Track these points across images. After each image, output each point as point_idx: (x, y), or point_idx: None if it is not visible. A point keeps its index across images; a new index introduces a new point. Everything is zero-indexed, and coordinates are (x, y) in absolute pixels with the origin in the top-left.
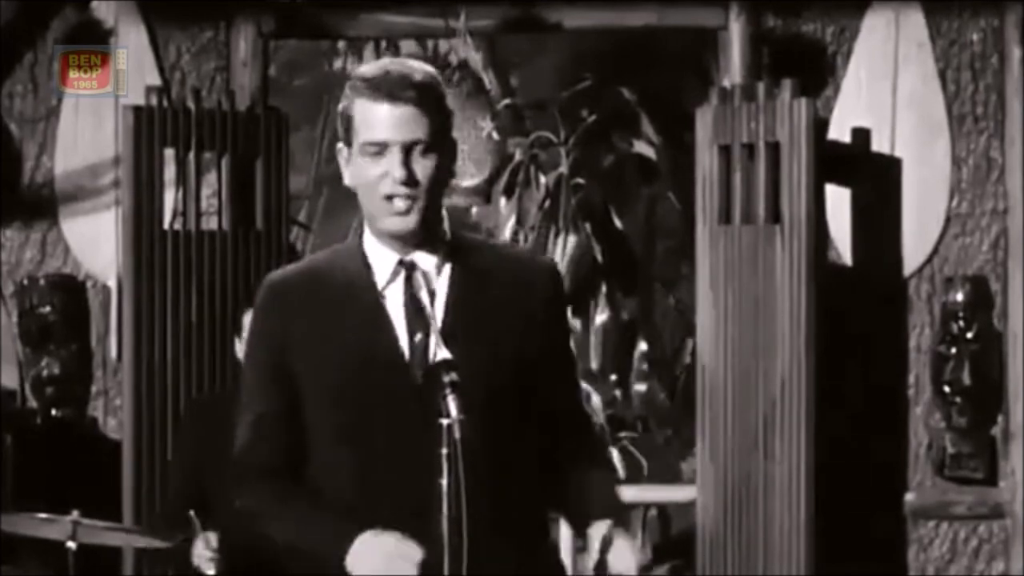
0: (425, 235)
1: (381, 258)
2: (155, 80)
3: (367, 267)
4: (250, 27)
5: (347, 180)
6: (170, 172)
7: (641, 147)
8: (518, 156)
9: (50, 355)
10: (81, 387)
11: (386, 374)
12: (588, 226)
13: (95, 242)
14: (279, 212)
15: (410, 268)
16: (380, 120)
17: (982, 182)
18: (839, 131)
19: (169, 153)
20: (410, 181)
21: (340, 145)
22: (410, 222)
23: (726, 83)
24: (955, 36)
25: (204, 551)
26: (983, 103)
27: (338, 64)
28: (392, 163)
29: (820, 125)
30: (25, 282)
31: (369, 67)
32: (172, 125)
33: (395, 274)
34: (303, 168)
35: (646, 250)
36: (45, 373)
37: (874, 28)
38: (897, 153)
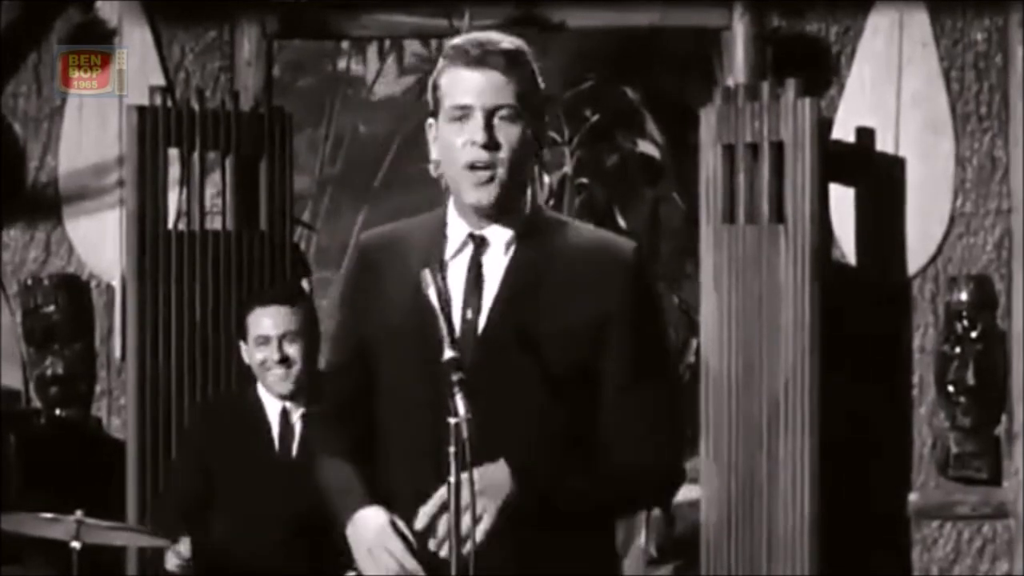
0: (505, 207)
1: (456, 229)
2: (159, 80)
3: (444, 237)
4: (254, 27)
5: (434, 154)
6: (174, 172)
7: (645, 147)
8: None
9: (54, 355)
10: (85, 387)
11: (430, 346)
12: (591, 226)
13: (99, 242)
14: (283, 212)
15: (479, 242)
16: (465, 84)
17: (986, 181)
18: (843, 131)
19: (173, 153)
20: (491, 145)
21: (429, 121)
22: (491, 193)
23: (730, 83)
24: (959, 36)
25: (172, 556)
26: (987, 103)
27: (342, 64)
28: (474, 128)
29: (824, 125)
30: (29, 282)
31: (462, 37)
32: (176, 125)
33: (463, 246)
34: (307, 168)
35: (650, 249)
36: (49, 373)
37: (878, 28)
38: (901, 153)
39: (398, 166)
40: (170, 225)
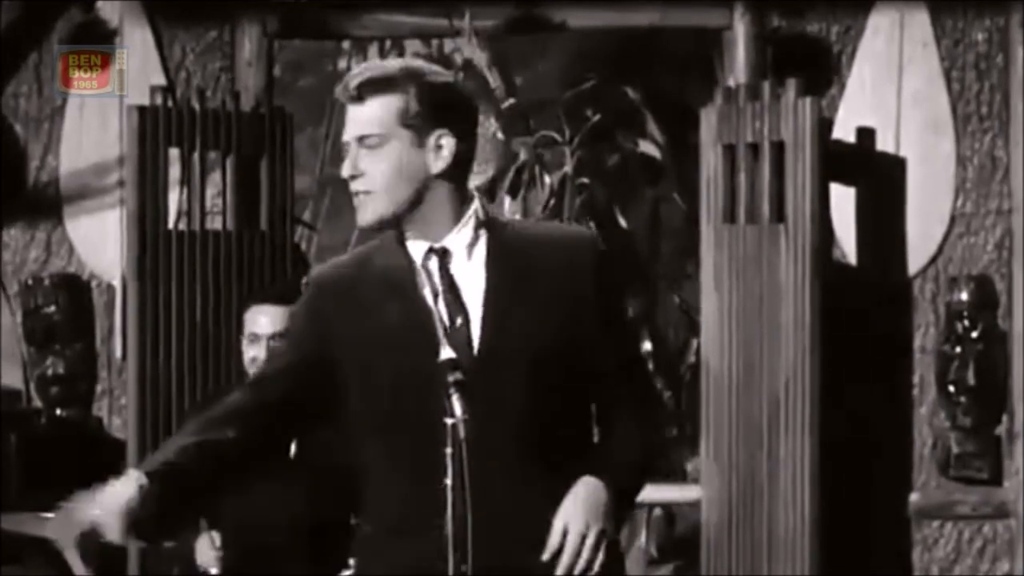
0: (403, 220)
1: (416, 247)
2: (160, 80)
3: (407, 257)
4: (255, 27)
5: None
6: (175, 172)
7: (646, 147)
8: (523, 156)
9: (55, 355)
10: (86, 387)
11: (425, 361)
12: (593, 226)
13: (100, 242)
14: (284, 212)
15: (442, 254)
16: (345, 123)
17: (987, 181)
18: (844, 131)
19: (174, 153)
20: (353, 173)
21: None
22: (368, 215)
23: (731, 83)
24: (960, 35)
25: (209, 550)
26: (988, 103)
27: (343, 64)
28: (346, 161)
29: (825, 125)
30: (30, 282)
31: (348, 74)
32: (177, 125)
33: (426, 260)
34: (307, 168)
35: (650, 249)
36: (50, 373)
37: (879, 28)
38: (902, 152)
39: None
40: (171, 225)
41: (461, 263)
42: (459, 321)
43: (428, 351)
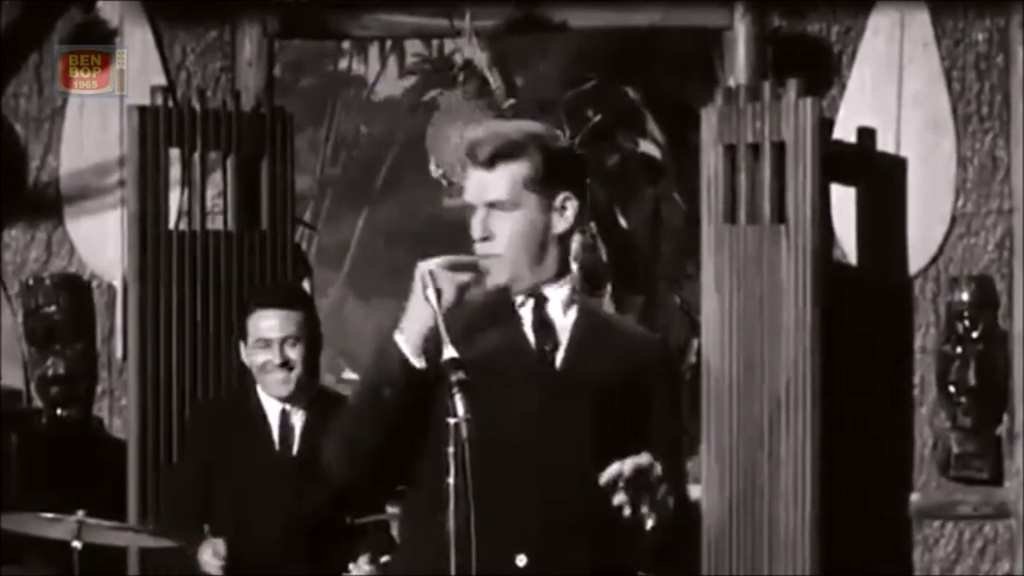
0: (529, 280)
1: (519, 296)
2: (160, 80)
3: (511, 300)
4: (255, 27)
5: None
6: (175, 172)
7: (646, 147)
8: None
9: (55, 355)
10: (86, 387)
11: (518, 371)
12: (593, 226)
13: (100, 242)
14: (284, 212)
15: (540, 299)
16: (469, 185)
17: (987, 182)
18: (844, 131)
19: (174, 153)
20: (484, 235)
21: None
22: (498, 276)
23: (731, 83)
24: (960, 36)
25: (212, 559)
26: (988, 103)
27: (343, 64)
28: (473, 223)
29: (825, 125)
30: (30, 282)
31: (476, 133)
32: (177, 125)
33: (526, 300)
34: (308, 168)
35: (651, 250)
36: (50, 373)
37: (879, 28)
38: (902, 153)
39: (399, 166)
40: (171, 225)
41: (556, 309)
42: (547, 347)
43: (523, 364)
